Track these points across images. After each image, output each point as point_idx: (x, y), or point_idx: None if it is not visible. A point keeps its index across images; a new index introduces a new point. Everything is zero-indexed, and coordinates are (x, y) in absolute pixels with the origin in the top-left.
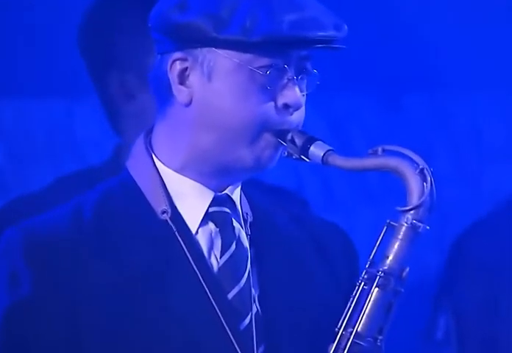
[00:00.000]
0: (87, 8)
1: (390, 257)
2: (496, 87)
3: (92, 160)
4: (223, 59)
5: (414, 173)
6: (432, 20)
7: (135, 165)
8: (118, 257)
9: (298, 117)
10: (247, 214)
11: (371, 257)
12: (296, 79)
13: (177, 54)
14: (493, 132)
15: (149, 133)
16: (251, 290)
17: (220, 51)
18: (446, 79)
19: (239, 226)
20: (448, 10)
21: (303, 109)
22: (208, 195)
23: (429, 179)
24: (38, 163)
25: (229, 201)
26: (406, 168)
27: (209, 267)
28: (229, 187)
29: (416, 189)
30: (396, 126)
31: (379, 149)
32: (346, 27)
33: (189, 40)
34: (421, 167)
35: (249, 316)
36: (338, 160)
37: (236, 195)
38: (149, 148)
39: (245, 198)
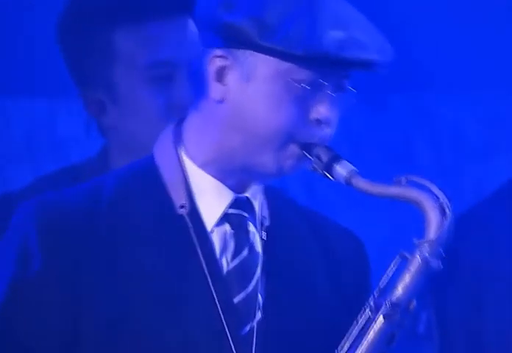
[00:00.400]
0: (56, 26)
1: (400, 289)
2: (478, 88)
3: (74, 160)
4: (263, 65)
5: (434, 207)
6: (417, 22)
7: (161, 154)
8: (129, 244)
9: (327, 132)
10: (264, 218)
11: (381, 285)
12: (332, 96)
13: (219, 51)
14: (474, 132)
15: (181, 122)
16: (257, 296)
17: (261, 57)
18: (430, 80)
19: (255, 230)
20: (433, 12)
21: (334, 125)
22: (228, 196)
23: (448, 214)
24: (19, 163)
25: (248, 204)
26: (427, 201)
27: (219, 268)
28: (250, 189)
29: (434, 223)
30: (380, 125)
31: (403, 179)
32: (390, 50)
33: (232, 40)
34: (441, 201)
35: (252, 323)
36: (361, 183)
37: (256, 197)
38: (178, 139)
39: (265, 202)
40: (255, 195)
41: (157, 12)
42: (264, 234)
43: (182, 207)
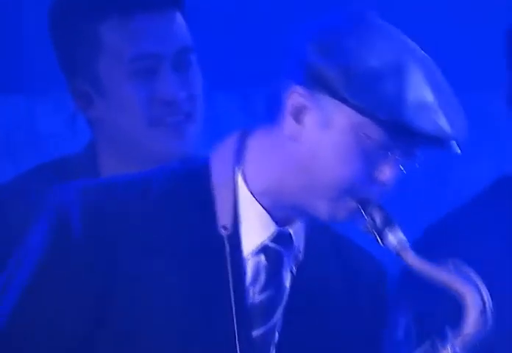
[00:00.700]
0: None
1: None
2: (461, 90)
3: (53, 157)
4: (342, 115)
5: (476, 303)
6: (402, 23)
7: (219, 166)
8: (164, 249)
9: (385, 190)
10: (299, 252)
11: None
12: (400, 160)
13: (301, 89)
14: None
15: (247, 135)
16: (275, 332)
17: (343, 107)
18: None
19: (288, 265)
20: (419, 13)
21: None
22: (271, 229)
23: (488, 312)
24: None
25: (288, 238)
26: (470, 296)
27: (245, 299)
28: (295, 224)
29: (472, 319)
30: None
31: (451, 264)
32: (467, 131)
33: (318, 83)
34: (483, 297)
35: None
36: (410, 258)
37: (298, 232)
38: (239, 156)
39: (303, 234)
40: (298, 231)
41: (145, 4)
42: (294, 269)
43: (224, 228)
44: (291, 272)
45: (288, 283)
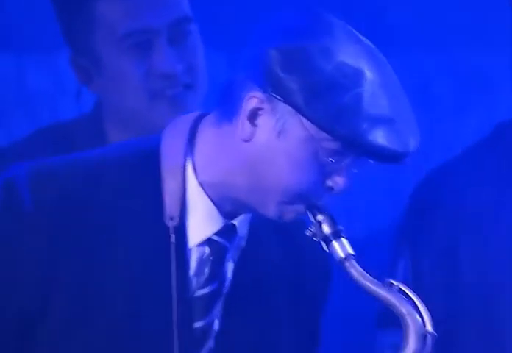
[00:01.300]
0: None
1: None
2: (444, 45)
3: (44, 116)
4: (299, 126)
5: (417, 332)
6: None
7: (169, 154)
8: (109, 232)
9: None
10: (242, 238)
11: None
12: (351, 169)
13: (260, 95)
14: (441, 88)
15: (199, 122)
16: (213, 324)
17: (300, 117)
18: (394, 37)
19: (231, 259)
20: None
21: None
22: (217, 223)
23: (428, 345)
24: None
25: (232, 230)
26: (413, 323)
27: (188, 290)
28: (241, 216)
29: (412, 343)
30: None
31: (396, 285)
32: (418, 143)
33: (278, 91)
34: (426, 329)
35: (204, 350)
36: (354, 270)
37: (243, 224)
38: (190, 146)
39: (248, 223)
40: (243, 222)
41: None
42: (236, 258)
43: (171, 218)
44: (233, 262)
45: (230, 273)
